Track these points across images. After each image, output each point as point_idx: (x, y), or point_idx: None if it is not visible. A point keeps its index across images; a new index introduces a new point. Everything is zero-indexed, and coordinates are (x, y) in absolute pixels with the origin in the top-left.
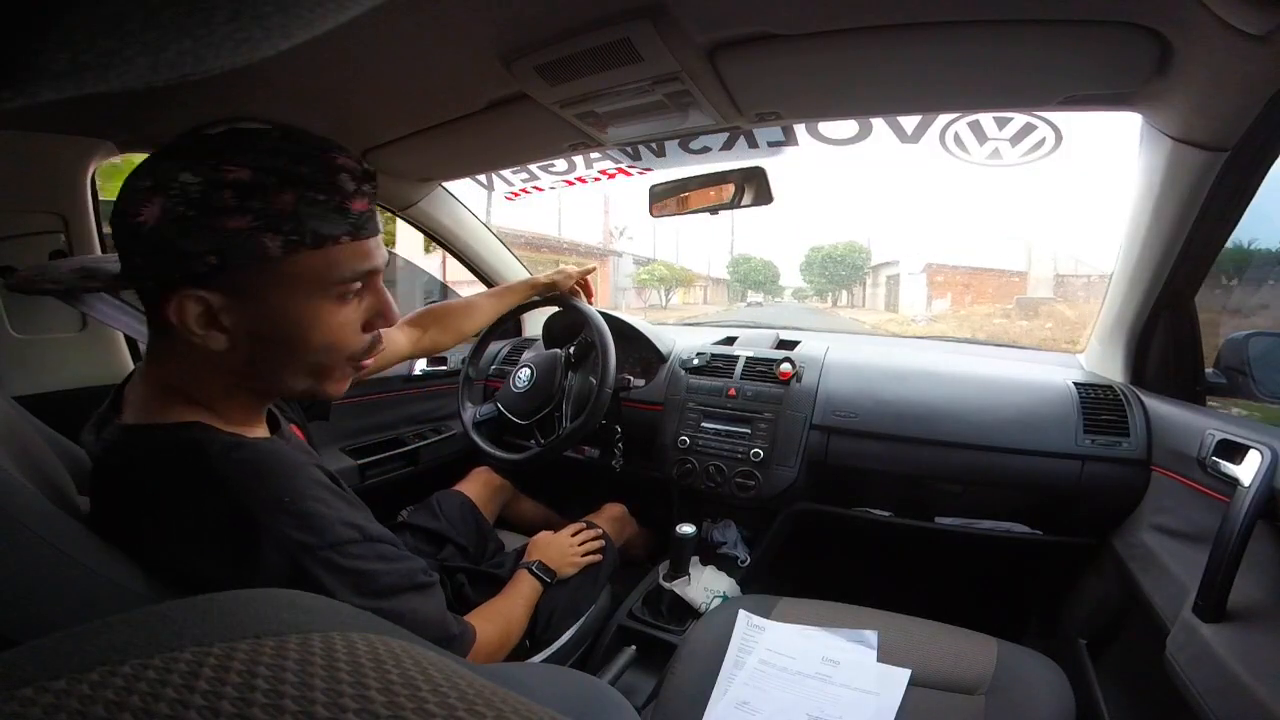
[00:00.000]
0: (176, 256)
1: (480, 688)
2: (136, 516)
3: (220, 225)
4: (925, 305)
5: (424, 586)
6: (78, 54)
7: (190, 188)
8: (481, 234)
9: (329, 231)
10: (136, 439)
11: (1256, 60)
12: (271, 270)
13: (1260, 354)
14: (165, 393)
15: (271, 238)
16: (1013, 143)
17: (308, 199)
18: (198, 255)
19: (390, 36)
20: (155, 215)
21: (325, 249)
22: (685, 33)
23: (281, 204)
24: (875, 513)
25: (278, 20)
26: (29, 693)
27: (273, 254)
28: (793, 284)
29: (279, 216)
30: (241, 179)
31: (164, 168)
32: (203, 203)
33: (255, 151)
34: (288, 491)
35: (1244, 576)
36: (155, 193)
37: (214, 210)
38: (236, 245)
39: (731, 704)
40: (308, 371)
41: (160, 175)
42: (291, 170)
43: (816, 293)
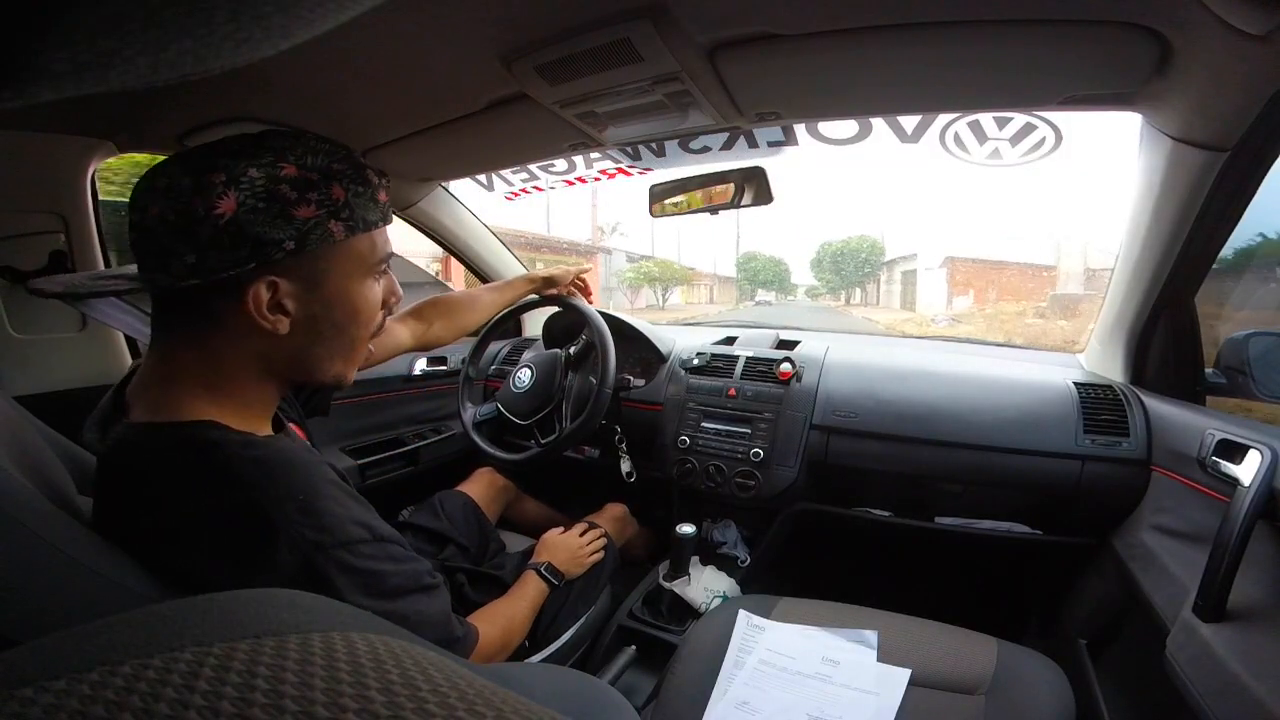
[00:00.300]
0: (254, 245)
1: (480, 688)
2: (146, 515)
3: (292, 214)
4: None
5: (429, 588)
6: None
7: (256, 182)
8: (481, 234)
9: (373, 218)
10: (148, 437)
11: (1256, 60)
12: (333, 254)
13: (1260, 354)
14: (179, 390)
15: (335, 224)
16: (1013, 143)
17: (353, 191)
18: (276, 242)
19: (390, 36)
20: (231, 208)
21: (370, 233)
22: (685, 33)
23: (336, 195)
24: (875, 513)
25: (278, 20)
26: (29, 693)
27: (339, 238)
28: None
29: (337, 205)
30: (291, 175)
31: (231, 163)
32: (269, 195)
33: (297, 151)
34: (302, 490)
35: (1244, 576)
36: (229, 186)
37: (281, 201)
38: (309, 231)
39: (731, 704)
40: (343, 351)
41: (230, 171)
42: (333, 167)
43: (829, 291)
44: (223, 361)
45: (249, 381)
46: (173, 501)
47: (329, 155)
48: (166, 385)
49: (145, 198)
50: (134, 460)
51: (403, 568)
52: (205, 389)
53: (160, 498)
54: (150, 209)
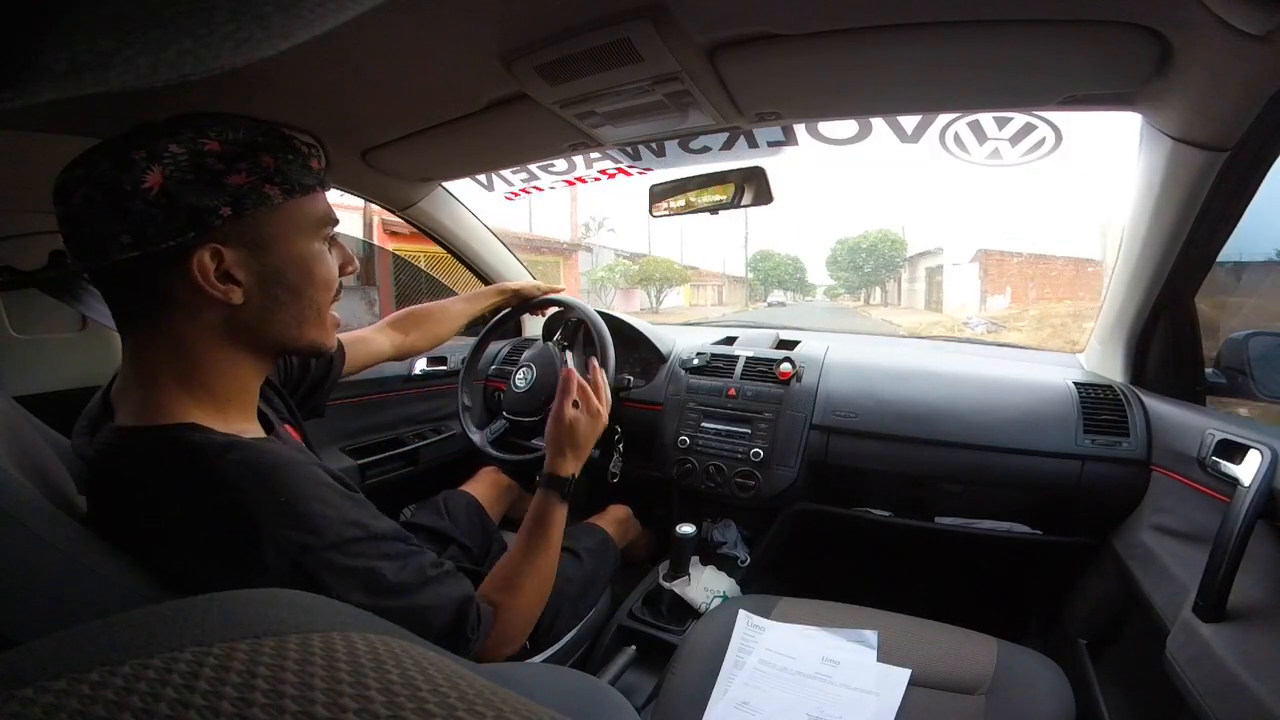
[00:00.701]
0: (190, 213)
1: (480, 688)
2: (137, 519)
3: (224, 182)
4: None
5: (435, 579)
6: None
7: (179, 156)
8: (481, 234)
9: (308, 181)
10: (131, 441)
11: (1256, 60)
12: (273, 218)
13: (1260, 354)
14: (157, 390)
15: (270, 187)
16: (1012, 143)
17: (282, 158)
18: (212, 209)
19: (390, 36)
20: (158, 180)
21: (309, 196)
22: (685, 33)
23: (265, 162)
24: (875, 513)
25: (278, 20)
26: (29, 693)
27: (276, 201)
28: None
29: (268, 171)
30: (215, 149)
31: (148, 143)
32: (196, 167)
33: (217, 128)
34: (284, 491)
35: (1244, 576)
36: (152, 161)
37: (211, 172)
38: (244, 196)
39: (731, 704)
40: (308, 316)
41: (149, 148)
42: (256, 140)
43: (848, 290)
44: (188, 346)
45: (221, 367)
46: (160, 506)
47: (250, 130)
48: (144, 387)
49: (66, 187)
50: (120, 465)
51: (403, 563)
52: (180, 385)
53: (148, 502)
54: (73, 196)
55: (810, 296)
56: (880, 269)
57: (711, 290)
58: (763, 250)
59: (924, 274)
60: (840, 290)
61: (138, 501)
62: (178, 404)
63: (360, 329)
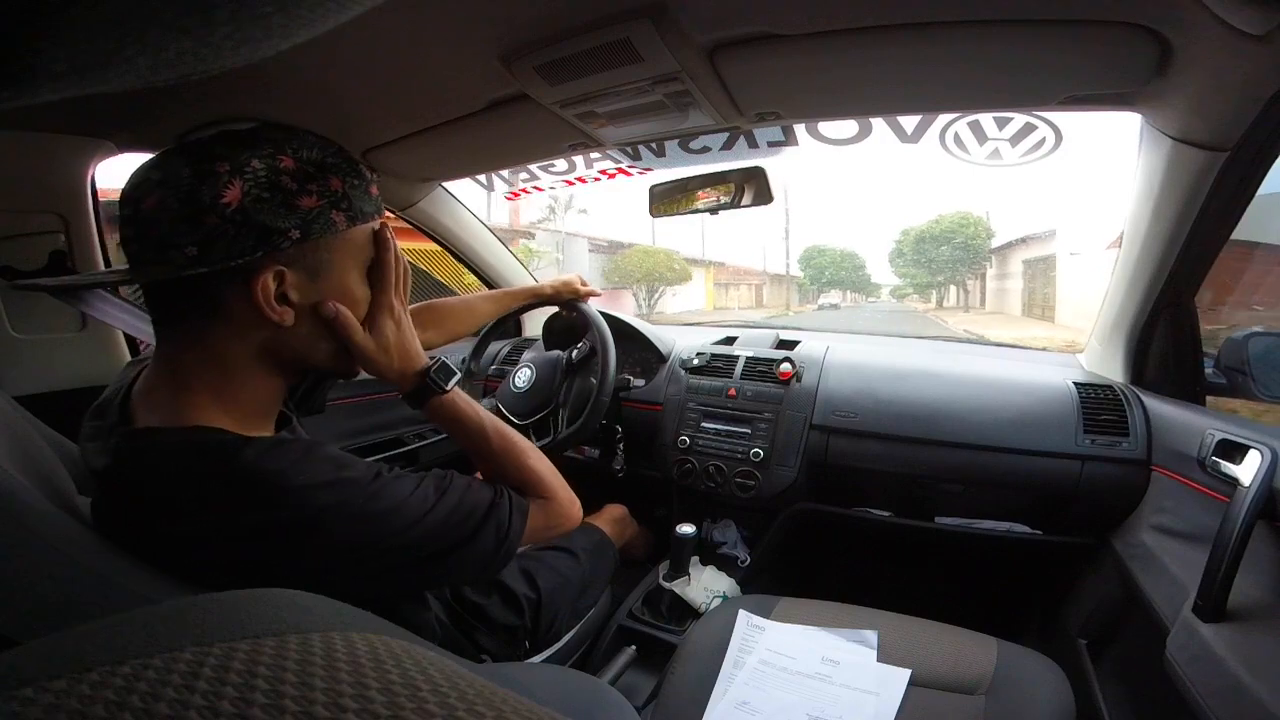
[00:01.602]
0: (261, 233)
1: (480, 688)
2: (161, 523)
3: (296, 204)
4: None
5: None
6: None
7: (259, 173)
8: (482, 234)
9: (369, 210)
10: (156, 441)
11: (1256, 60)
12: (335, 244)
13: (1260, 354)
14: (189, 395)
15: (337, 214)
16: (1013, 143)
17: (350, 183)
18: (282, 231)
19: (390, 36)
20: (237, 196)
21: (367, 225)
22: (685, 33)
23: (335, 187)
24: (875, 513)
25: (278, 20)
26: (29, 693)
27: (340, 228)
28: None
29: (336, 196)
30: (290, 167)
31: (232, 154)
32: (272, 185)
33: (293, 145)
34: (317, 471)
35: (1244, 576)
36: (234, 176)
37: (284, 192)
38: (313, 221)
39: (731, 704)
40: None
41: (234, 161)
42: (327, 160)
43: (917, 290)
44: (228, 360)
45: (255, 381)
46: (192, 508)
47: (322, 149)
48: (174, 392)
49: (140, 190)
50: (143, 466)
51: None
52: (212, 395)
53: (177, 505)
54: (147, 200)
55: (874, 297)
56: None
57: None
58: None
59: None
60: (908, 290)
61: (163, 504)
62: (206, 411)
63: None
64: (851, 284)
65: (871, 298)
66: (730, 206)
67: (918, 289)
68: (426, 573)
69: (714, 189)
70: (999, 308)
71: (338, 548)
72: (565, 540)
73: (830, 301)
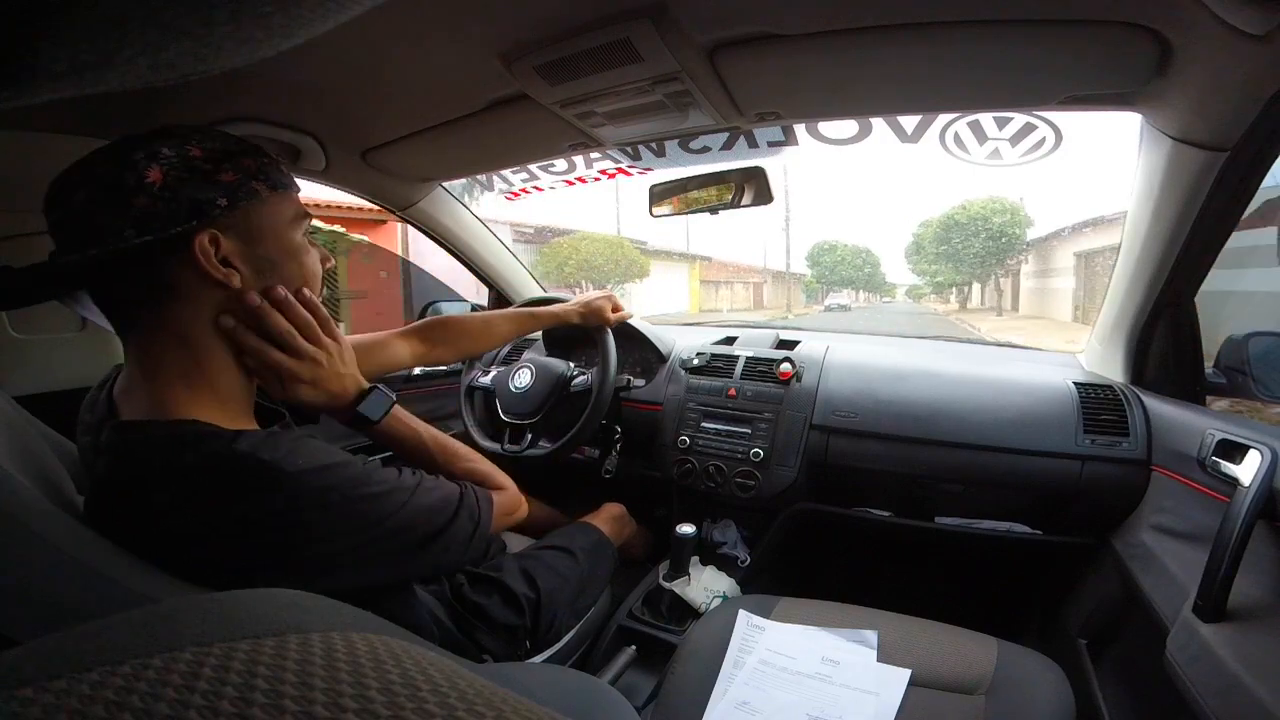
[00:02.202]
0: (190, 204)
1: (480, 688)
2: (150, 516)
3: (217, 179)
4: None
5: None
6: (78, 54)
7: (173, 157)
8: (482, 234)
9: (285, 181)
10: (139, 436)
11: (1256, 60)
12: (262, 210)
13: (1260, 354)
14: (161, 386)
15: (257, 183)
16: (1012, 143)
17: (259, 162)
18: (210, 200)
19: (390, 36)
20: (159, 176)
21: (287, 192)
22: (685, 33)
23: (247, 163)
24: (875, 513)
25: (278, 20)
26: (29, 693)
27: (263, 195)
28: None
29: (251, 171)
30: (199, 155)
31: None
32: (188, 167)
33: (198, 138)
34: (309, 458)
35: (1244, 576)
36: (151, 160)
37: (202, 171)
38: (237, 189)
39: (731, 704)
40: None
41: (148, 150)
42: (235, 146)
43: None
44: (190, 340)
45: (221, 364)
46: (178, 497)
47: (225, 141)
48: (148, 383)
49: (65, 191)
50: (128, 460)
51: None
52: (183, 382)
53: (165, 495)
54: (74, 197)
55: (889, 297)
56: (987, 256)
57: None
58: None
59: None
60: (924, 290)
61: (150, 498)
62: (182, 401)
63: (369, 337)
64: (864, 283)
65: (886, 297)
66: (730, 206)
67: (937, 289)
68: (414, 560)
69: (714, 189)
70: (1040, 310)
71: (333, 533)
72: (564, 539)
73: (839, 302)
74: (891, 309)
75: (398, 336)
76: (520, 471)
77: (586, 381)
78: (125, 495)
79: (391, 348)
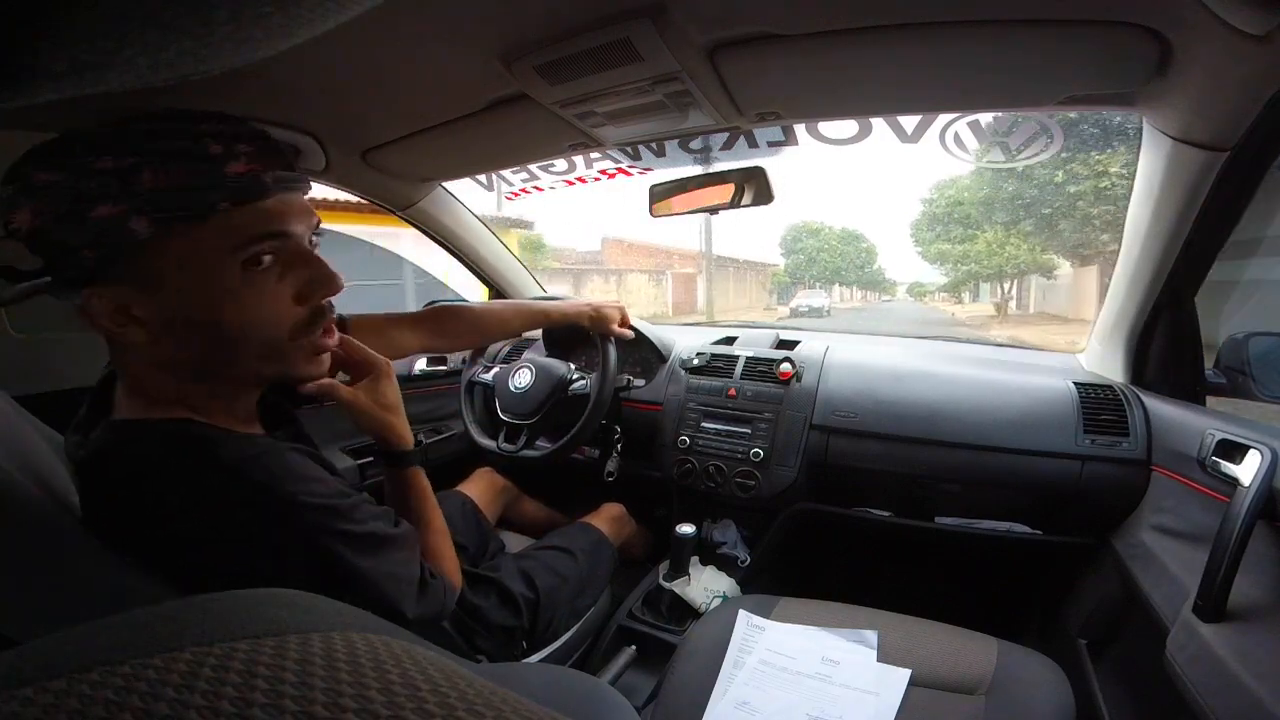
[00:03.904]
0: (62, 255)
1: (480, 688)
2: (133, 516)
3: (87, 215)
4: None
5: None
6: (78, 54)
7: (54, 187)
8: (482, 234)
9: (201, 201)
10: (128, 434)
11: (1256, 60)
12: (160, 252)
13: (1260, 354)
14: (151, 391)
15: (137, 220)
16: (1013, 142)
17: (168, 173)
18: (75, 251)
19: (390, 36)
20: (26, 219)
21: (207, 221)
22: (685, 33)
23: (142, 183)
24: (875, 513)
25: (278, 20)
26: (29, 693)
27: (142, 235)
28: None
29: (142, 197)
30: (105, 168)
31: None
32: (71, 197)
33: (122, 140)
34: (285, 477)
35: (1244, 576)
36: (24, 194)
37: (82, 202)
38: (105, 234)
39: (731, 704)
40: (253, 355)
41: (22, 181)
42: (150, 148)
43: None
44: (138, 363)
45: (174, 381)
46: (162, 499)
47: (155, 135)
48: (135, 387)
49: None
50: (117, 459)
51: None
52: (171, 389)
53: (150, 498)
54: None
55: (889, 296)
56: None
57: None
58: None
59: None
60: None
61: (138, 498)
62: (172, 403)
63: (383, 316)
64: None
65: (886, 296)
66: (730, 206)
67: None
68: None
69: (714, 189)
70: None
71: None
72: (563, 540)
73: (810, 303)
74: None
75: (407, 323)
76: (518, 471)
77: (585, 386)
78: (117, 495)
79: (400, 333)
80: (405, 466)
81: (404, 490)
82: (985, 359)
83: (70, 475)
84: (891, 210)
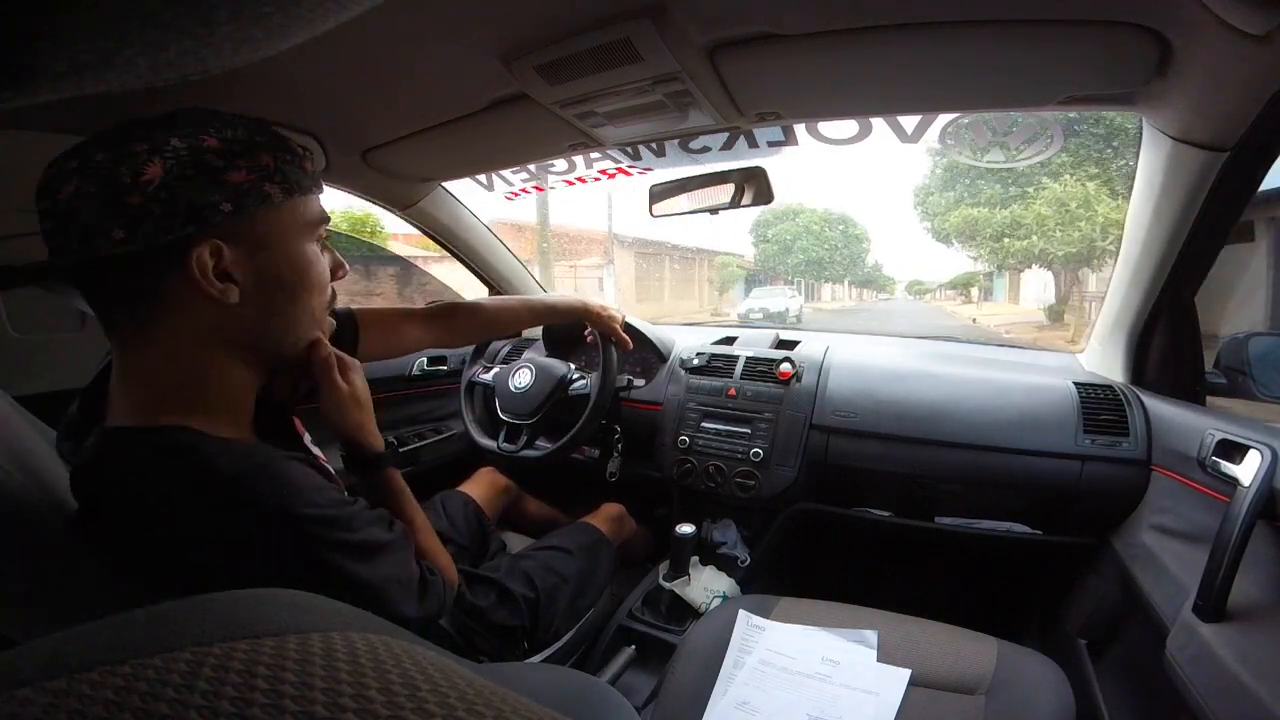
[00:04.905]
0: (189, 210)
1: (480, 688)
2: (132, 523)
3: (224, 179)
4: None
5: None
6: (78, 54)
7: (181, 151)
8: (482, 234)
9: (305, 183)
10: (123, 442)
11: (1256, 60)
12: (273, 217)
13: (1260, 354)
14: (149, 393)
15: (270, 186)
16: (1013, 142)
17: (281, 158)
18: (212, 205)
19: (390, 36)
20: (159, 173)
21: (305, 197)
22: (685, 33)
23: (265, 161)
24: (875, 513)
25: (278, 20)
26: (28, 693)
27: (276, 200)
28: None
29: (268, 170)
30: (214, 146)
31: (150, 135)
32: (196, 163)
33: (216, 124)
34: (282, 484)
35: (1244, 576)
36: (154, 154)
37: (211, 168)
38: (245, 193)
39: (731, 704)
40: (303, 321)
41: (151, 140)
42: (254, 139)
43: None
44: (179, 351)
45: (213, 374)
46: (159, 509)
47: (249, 128)
48: (136, 389)
49: (57, 180)
50: (112, 466)
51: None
52: (172, 390)
53: (147, 509)
54: (64, 189)
55: (887, 294)
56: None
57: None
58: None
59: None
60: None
61: (132, 507)
62: (170, 408)
63: (393, 310)
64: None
65: (883, 294)
66: (730, 206)
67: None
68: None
69: (714, 189)
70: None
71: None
72: (563, 540)
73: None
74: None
75: (413, 318)
76: (519, 470)
77: (585, 386)
78: (111, 502)
79: (405, 331)
80: (380, 470)
81: (383, 496)
82: (985, 359)
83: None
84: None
